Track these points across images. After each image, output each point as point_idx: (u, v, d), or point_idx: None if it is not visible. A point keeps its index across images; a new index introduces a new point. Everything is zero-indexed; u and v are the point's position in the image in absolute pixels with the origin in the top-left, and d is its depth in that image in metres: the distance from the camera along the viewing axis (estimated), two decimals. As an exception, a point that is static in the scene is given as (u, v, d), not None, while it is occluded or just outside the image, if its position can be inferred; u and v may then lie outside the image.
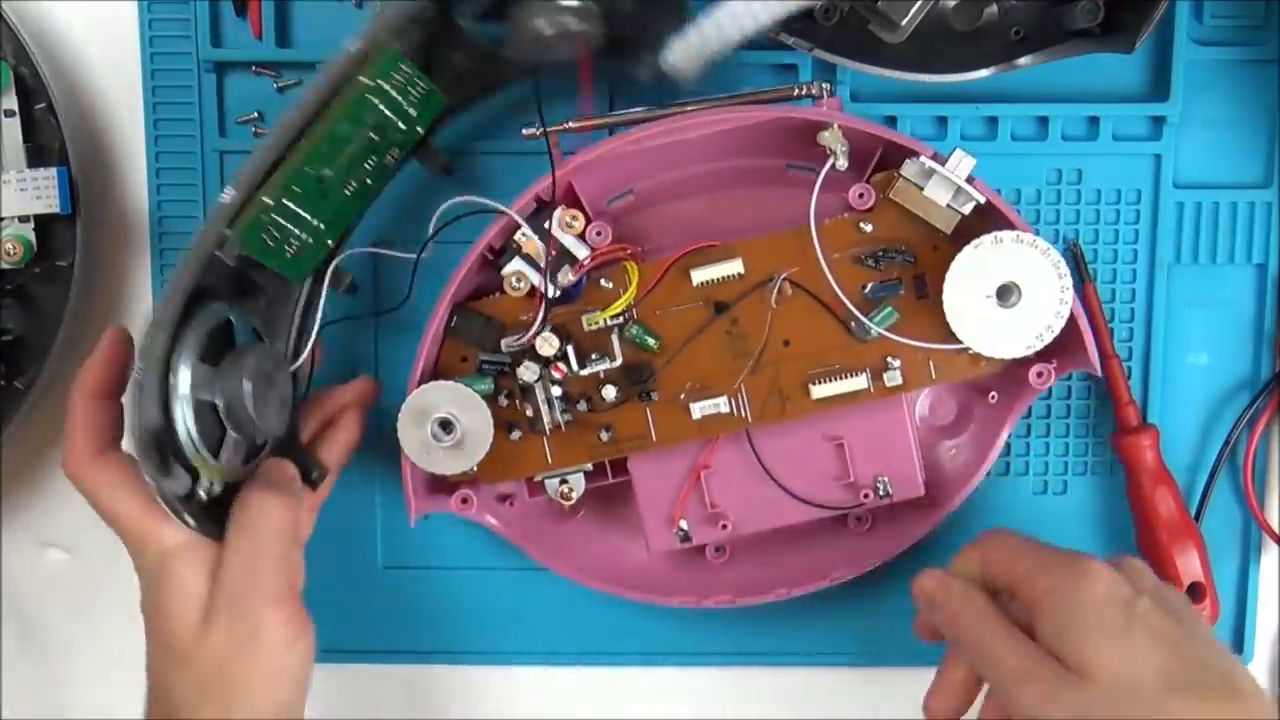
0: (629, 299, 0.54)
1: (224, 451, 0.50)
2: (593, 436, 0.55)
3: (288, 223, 0.50)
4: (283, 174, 0.49)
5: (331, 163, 0.50)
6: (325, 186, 0.50)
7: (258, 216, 0.49)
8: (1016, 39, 0.55)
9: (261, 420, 0.49)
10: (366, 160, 0.51)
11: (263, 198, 0.49)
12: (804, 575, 0.57)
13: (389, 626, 0.62)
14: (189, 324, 0.48)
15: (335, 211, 0.51)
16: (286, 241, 0.50)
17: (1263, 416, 0.60)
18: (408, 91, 0.51)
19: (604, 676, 0.63)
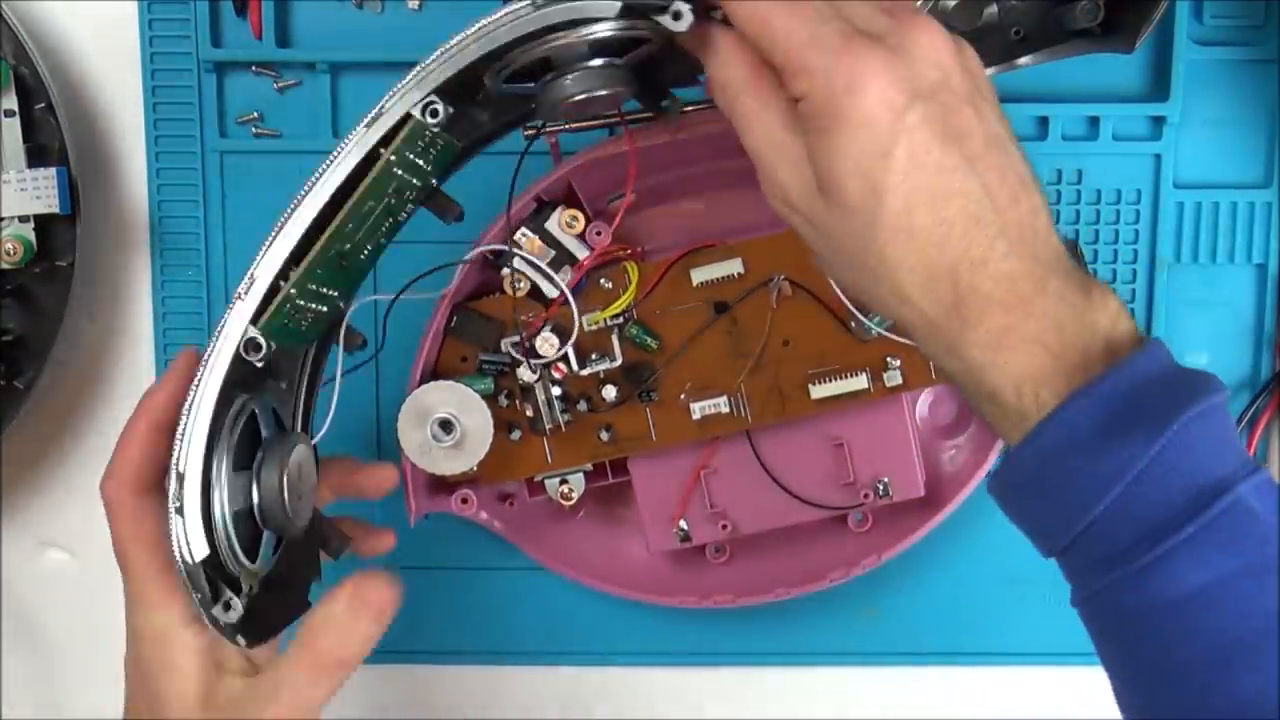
0: (629, 299, 0.54)
1: (261, 551, 0.46)
2: (593, 437, 0.55)
3: (309, 302, 0.47)
4: (309, 262, 0.45)
5: (353, 238, 0.46)
6: (346, 260, 0.47)
7: (283, 308, 0.45)
8: (1016, 39, 0.55)
9: (297, 516, 0.46)
10: (384, 223, 0.47)
11: (290, 289, 0.45)
12: (804, 575, 0.57)
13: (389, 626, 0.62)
14: (219, 435, 0.45)
15: (352, 277, 0.48)
16: (304, 318, 0.47)
17: (1263, 416, 0.60)
18: (429, 153, 0.47)
19: (604, 676, 0.63)
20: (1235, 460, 0.36)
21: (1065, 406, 0.37)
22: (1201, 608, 0.36)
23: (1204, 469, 0.36)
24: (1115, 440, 0.36)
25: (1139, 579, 0.36)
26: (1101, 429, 0.36)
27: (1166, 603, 0.36)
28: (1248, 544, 0.36)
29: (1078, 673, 0.62)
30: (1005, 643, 0.62)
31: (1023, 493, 0.39)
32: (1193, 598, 0.36)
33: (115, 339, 0.61)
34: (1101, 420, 0.37)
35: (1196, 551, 0.36)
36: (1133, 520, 0.36)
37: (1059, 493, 0.38)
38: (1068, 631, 0.62)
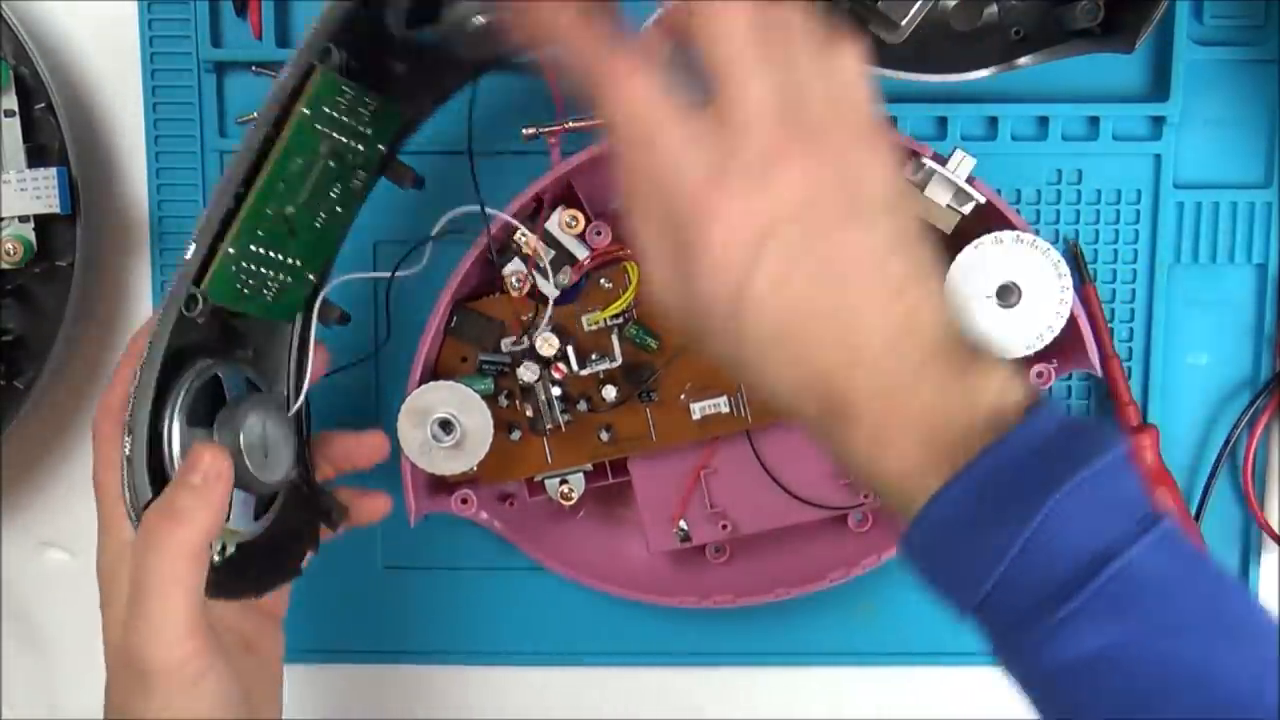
0: (629, 299, 0.54)
1: (234, 511, 0.48)
2: (593, 437, 0.55)
3: (261, 267, 0.48)
4: (241, 221, 0.47)
5: (292, 200, 0.48)
6: (292, 224, 0.48)
7: (224, 268, 0.47)
8: (1016, 39, 0.55)
9: (264, 474, 0.48)
10: (331, 189, 0.49)
11: (227, 249, 0.47)
12: (804, 575, 0.57)
13: (389, 626, 0.62)
14: (173, 388, 0.47)
15: (310, 245, 0.49)
16: (264, 286, 0.48)
17: (1263, 416, 0.60)
18: (358, 112, 0.48)
19: (604, 676, 0.63)
20: (1127, 520, 0.36)
21: (944, 491, 0.37)
22: (1103, 670, 0.36)
23: (1090, 536, 0.36)
24: (992, 520, 0.36)
25: (1039, 645, 0.37)
26: (978, 510, 0.37)
27: (1068, 666, 0.36)
28: (1145, 604, 0.36)
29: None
30: (1005, 643, 0.61)
31: (919, 567, 0.39)
32: (1093, 661, 0.36)
33: (115, 339, 0.61)
34: (977, 502, 0.37)
35: (1089, 618, 0.36)
36: (1024, 592, 0.37)
37: (950, 569, 0.38)
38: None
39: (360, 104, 0.48)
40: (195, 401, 0.47)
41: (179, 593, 0.45)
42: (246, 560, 0.49)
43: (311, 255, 0.50)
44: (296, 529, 0.52)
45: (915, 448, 0.38)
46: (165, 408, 0.47)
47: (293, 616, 0.62)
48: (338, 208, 0.50)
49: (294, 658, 0.62)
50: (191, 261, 0.47)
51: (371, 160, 0.50)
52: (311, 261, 0.50)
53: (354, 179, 0.49)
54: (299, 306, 0.51)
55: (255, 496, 0.49)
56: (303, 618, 0.62)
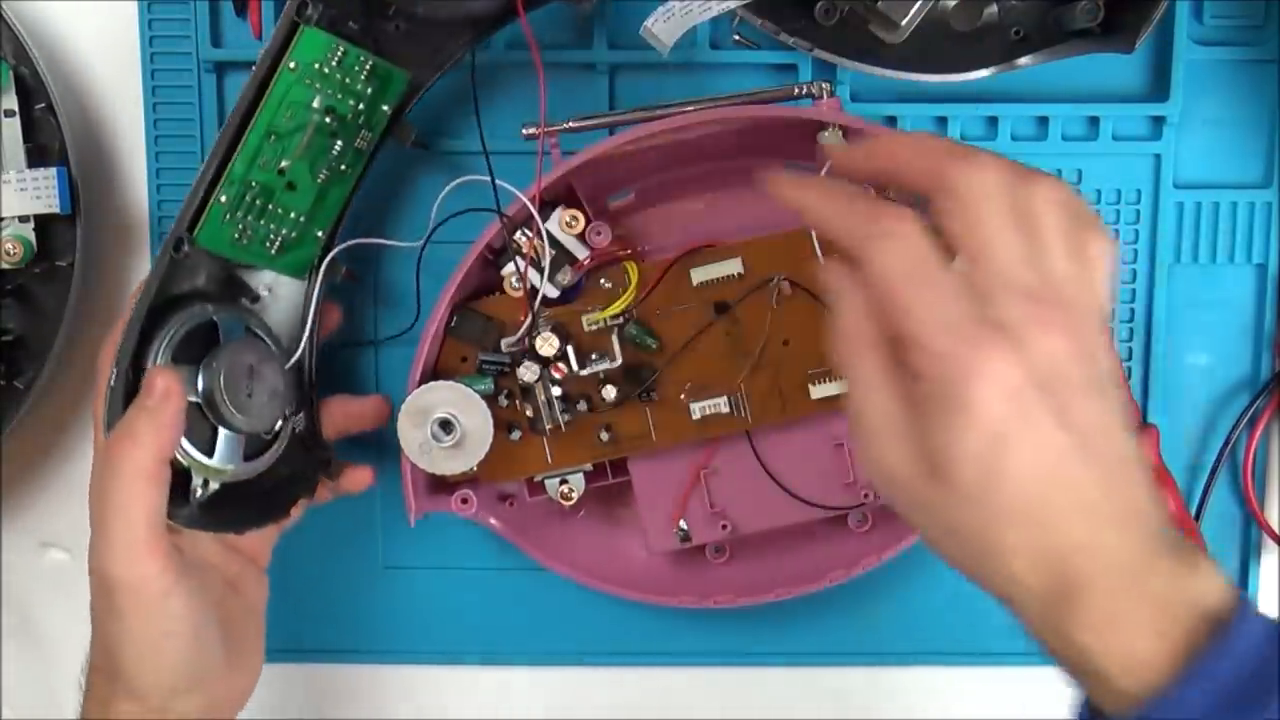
0: (629, 299, 0.54)
1: (219, 450, 0.50)
2: (593, 437, 0.55)
3: (258, 218, 0.51)
4: (231, 171, 0.50)
5: (286, 153, 0.51)
6: (289, 178, 0.51)
7: (215, 215, 0.50)
8: (1016, 39, 0.55)
9: (242, 412, 0.50)
10: (331, 146, 0.51)
11: (219, 197, 0.50)
12: (804, 575, 0.57)
13: (389, 626, 0.62)
14: (165, 327, 0.50)
15: (314, 202, 0.52)
16: (264, 238, 0.51)
17: (1263, 416, 0.60)
18: (352, 70, 0.51)
19: (604, 676, 0.63)
20: None
21: (1180, 688, 0.37)
22: None
23: None
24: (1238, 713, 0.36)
25: None
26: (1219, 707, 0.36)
27: None
28: None
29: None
30: (1005, 643, 0.61)
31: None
32: None
33: (115, 339, 0.61)
34: (1218, 698, 0.36)
35: None
36: None
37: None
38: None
39: (355, 62, 0.50)
40: (188, 342, 0.50)
41: (137, 510, 0.47)
42: (230, 498, 0.51)
43: (317, 212, 0.52)
44: (293, 477, 0.54)
45: (1147, 636, 0.37)
46: (152, 343, 0.49)
47: (293, 616, 0.62)
48: (342, 165, 0.52)
49: (295, 657, 0.63)
50: (186, 208, 0.50)
51: (376, 121, 0.52)
52: (318, 218, 0.52)
53: (359, 139, 0.52)
54: (309, 263, 0.53)
55: (244, 439, 0.51)
56: (303, 618, 0.62)
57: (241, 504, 0.52)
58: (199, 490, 0.50)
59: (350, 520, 0.61)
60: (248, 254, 0.51)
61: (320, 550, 0.61)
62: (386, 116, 0.52)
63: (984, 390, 0.38)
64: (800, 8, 0.53)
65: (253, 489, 0.52)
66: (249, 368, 0.50)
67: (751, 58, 0.58)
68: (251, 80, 0.50)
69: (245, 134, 0.50)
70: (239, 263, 0.52)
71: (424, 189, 0.58)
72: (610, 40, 0.58)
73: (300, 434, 0.54)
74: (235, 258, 0.51)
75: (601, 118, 0.54)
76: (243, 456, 0.51)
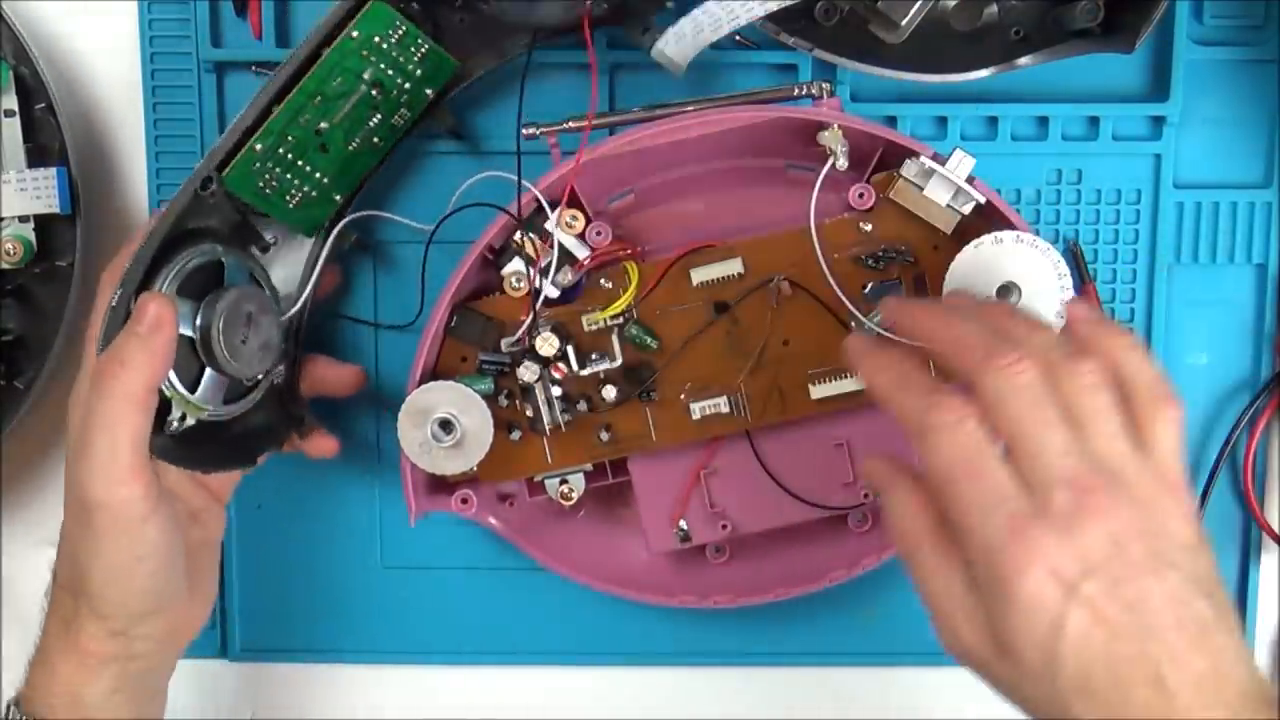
0: (629, 299, 0.54)
1: (202, 388, 0.51)
2: (593, 437, 0.55)
3: (286, 172, 0.52)
4: (273, 121, 0.51)
5: (327, 115, 0.52)
6: (324, 139, 0.52)
7: (247, 161, 0.51)
8: (1016, 39, 0.55)
9: (234, 357, 0.51)
10: (370, 118, 0.53)
11: (254, 144, 0.51)
12: (804, 575, 0.57)
13: (389, 626, 0.62)
14: (175, 258, 0.50)
15: (340, 166, 0.53)
16: (286, 191, 0.52)
17: (1263, 416, 0.60)
18: (408, 49, 0.52)
19: (604, 676, 0.63)
20: None
21: None
22: None
23: None
24: None
25: None
26: None
27: None
28: None
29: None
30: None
31: None
32: None
33: (115, 339, 0.61)
34: None
35: None
36: None
37: None
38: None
39: (412, 42, 0.52)
40: (195, 278, 0.51)
41: (123, 433, 0.47)
42: (204, 437, 0.52)
43: (341, 176, 0.54)
44: (264, 427, 0.55)
45: None
46: (159, 272, 0.50)
47: (293, 616, 0.62)
48: (375, 138, 0.54)
49: (294, 657, 0.63)
50: (220, 148, 0.51)
51: (417, 101, 0.54)
52: (339, 182, 0.54)
53: (397, 115, 0.54)
54: (321, 223, 0.54)
55: (228, 382, 0.52)
56: (303, 618, 0.62)
57: (212, 444, 0.52)
58: (175, 423, 0.51)
59: (350, 520, 0.61)
60: (267, 204, 0.53)
61: (320, 550, 0.62)
62: (428, 99, 0.54)
63: (1032, 582, 0.40)
64: (800, 8, 0.53)
65: (225, 431, 0.53)
66: (248, 315, 0.51)
67: (751, 58, 0.58)
68: (310, 38, 0.51)
69: (294, 91, 0.51)
70: (256, 210, 0.53)
71: (437, 179, 0.58)
72: (610, 40, 0.58)
73: (278, 386, 0.54)
74: (255, 205, 0.52)
75: (601, 118, 0.54)
76: (223, 399, 0.52)
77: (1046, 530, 0.40)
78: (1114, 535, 0.40)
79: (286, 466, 0.60)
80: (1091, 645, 0.40)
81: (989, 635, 0.42)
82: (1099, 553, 0.40)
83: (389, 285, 0.60)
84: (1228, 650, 0.40)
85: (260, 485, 0.61)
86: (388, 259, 0.60)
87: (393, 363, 0.60)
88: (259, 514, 0.61)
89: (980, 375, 0.42)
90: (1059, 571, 0.40)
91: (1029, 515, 0.40)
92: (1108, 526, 0.40)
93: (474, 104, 0.58)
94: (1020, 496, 0.41)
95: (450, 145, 0.58)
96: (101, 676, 0.50)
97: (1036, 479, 0.41)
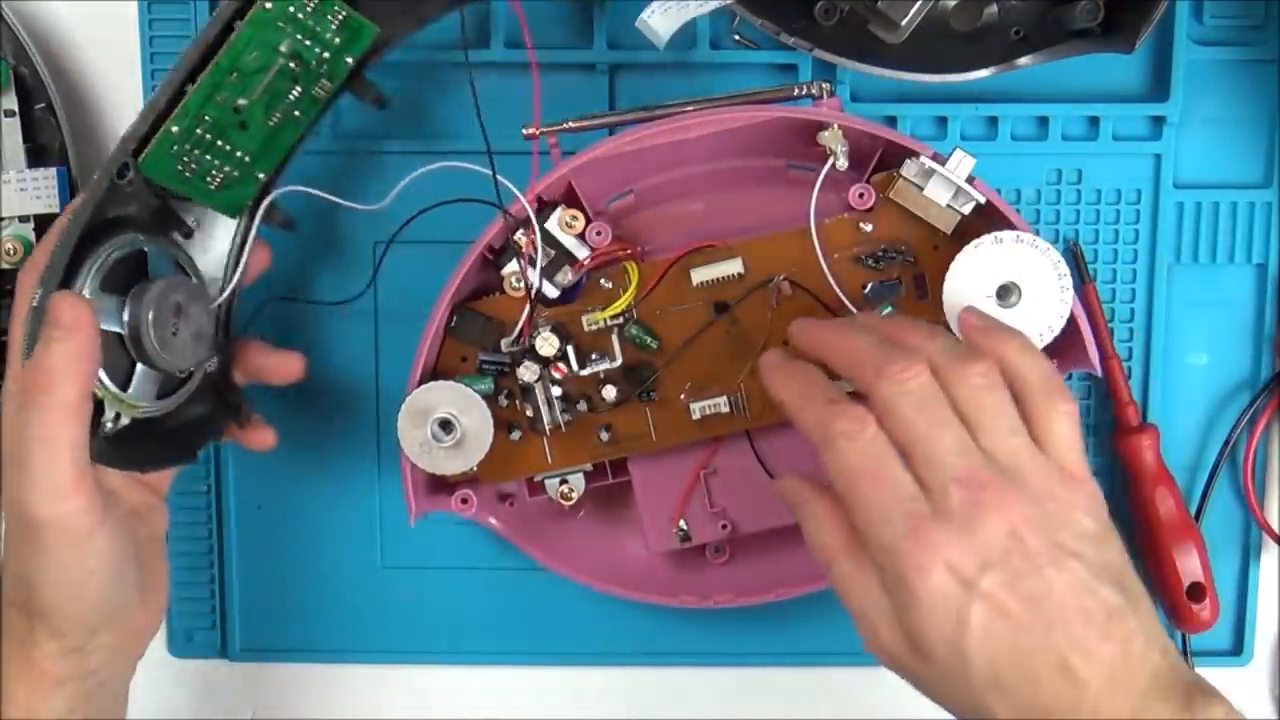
0: (629, 299, 0.54)
1: (135, 385, 0.49)
2: (593, 437, 0.55)
3: (206, 154, 0.50)
4: (189, 102, 0.49)
5: (244, 92, 0.50)
6: (243, 116, 0.50)
7: (164, 145, 0.49)
8: (1016, 39, 0.55)
9: (166, 350, 0.49)
10: (289, 91, 0.51)
11: (170, 127, 0.49)
12: (804, 575, 0.57)
13: (389, 626, 0.62)
14: (96, 252, 0.48)
15: (261, 143, 0.51)
16: (207, 173, 0.50)
17: (1263, 416, 0.60)
18: (324, 17, 0.50)
19: (604, 676, 0.63)
20: None
21: None
22: None
23: None
24: None
25: None
26: None
27: None
28: None
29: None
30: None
31: None
32: None
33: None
34: None
35: None
36: None
37: None
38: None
39: (329, 9, 0.50)
40: (118, 270, 0.48)
41: (60, 446, 0.45)
42: (140, 435, 0.50)
43: (263, 153, 0.52)
44: (203, 419, 0.53)
45: None
46: (81, 268, 0.47)
47: (293, 616, 0.62)
48: (296, 111, 0.51)
49: (294, 657, 0.63)
50: (133, 133, 0.48)
51: (338, 71, 0.51)
52: (262, 160, 0.52)
53: (317, 87, 0.51)
54: (244, 203, 0.52)
55: (161, 377, 0.50)
56: (303, 618, 0.62)
57: (149, 441, 0.51)
58: (109, 424, 0.49)
59: (350, 520, 0.61)
60: (187, 187, 0.50)
61: (320, 550, 0.62)
62: (349, 68, 0.51)
63: (933, 580, 0.41)
64: (800, 8, 0.53)
65: (160, 426, 0.51)
66: (176, 305, 0.49)
67: (751, 58, 0.58)
68: (218, 14, 0.49)
69: (208, 69, 0.49)
70: (175, 194, 0.51)
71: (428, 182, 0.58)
72: (610, 40, 0.58)
73: (212, 375, 0.53)
74: (176, 189, 0.50)
75: (601, 118, 0.54)
76: (156, 394, 0.50)
77: (943, 528, 0.41)
78: (1011, 529, 0.41)
79: (286, 466, 0.61)
80: (997, 639, 0.40)
81: (903, 635, 0.42)
82: (997, 547, 0.41)
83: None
84: (1137, 636, 0.40)
85: (260, 485, 0.61)
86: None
87: (392, 363, 0.60)
88: (259, 514, 0.61)
89: (874, 385, 0.43)
90: (957, 568, 0.41)
91: (927, 515, 0.41)
92: (1005, 521, 0.41)
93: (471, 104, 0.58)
94: (918, 498, 0.42)
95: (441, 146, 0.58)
96: (57, 697, 0.48)
97: (933, 480, 0.42)
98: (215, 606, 0.62)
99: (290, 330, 0.59)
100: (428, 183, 0.54)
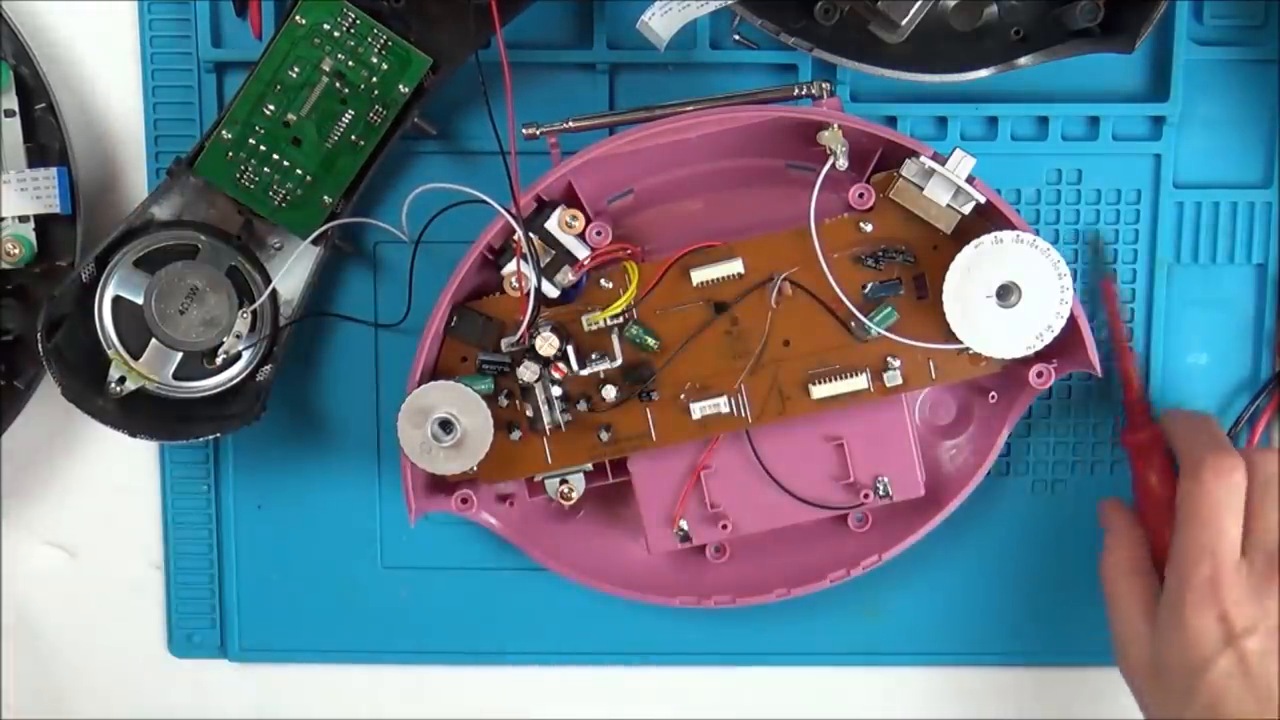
0: (629, 299, 0.54)
1: (147, 355, 0.54)
2: (593, 436, 0.55)
3: (262, 165, 0.54)
4: (234, 109, 0.54)
5: (292, 107, 0.54)
6: (295, 132, 0.54)
7: (217, 149, 0.54)
8: (1016, 39, 0.55)
9: (166, 325, 0.53)
10: (341, 114, 0.54)
11: (222, 133, 0.54)
12: (804, 575, 0.57)
13: (389, 626, 0.62)
14: (145, 238, 0.54)
15: (320, 164, 0.54)
16: (268, 186, 0.54)
17: (1263, 416, 0.60)
18: (365, 39, 0.53)
19: (604, 676, 0.63)
20: None
21: None
22: None
23: None
24: None
25: None
26: None
27: None
28: None
29: (1078, 673, 0.62)
30: (1005, 643, 0.62)
31: None
32: None
33: (115, 339, 0.61)
34: None
35: None
36: None
37: None
38: (1068, 632, 0.62)
39: (368, 32, 0.53)
40: (159, 257, 0.54)
41: None
42: (146, 406, 0.55)
43: (325, 177, 0.55)
44: (215, 417, 0.56)
45: None
46: (124, 247, 0.54)
47: (293, 616, 0.62)
48: (353, 136, 0.54)
49: (295, 657, 0.63)
50: (199, 142, 0.54)
51: (392, 99, 0.54)
52: (326, 184, 0.55)
53: (372, 113, 0.54)
54: (312, 226, 0.55)
55: (182, 356, 0.55)
56: (302, 618, 0.62)
57: (154, 415, 0.55)
58: (114, 384, 0.54)
59: (350, 520, 0.61)
60: (250, 198, 0.55)
61: (320, 550, 0.62)
62: (404, 97, 0.54)
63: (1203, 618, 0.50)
64: (800, 8, 0.53)
65: (172, 407, 0.55)
66: (193, 288, 0.54)
67: (751, 58, 0.58)
68: (271, 40, 0.53)
69: (250, 77, 0.53)
70: (249, 210, 0.55)
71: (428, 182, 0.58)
72: (610, 40, 0.58)
73: (261, 384, 0.56)
74: (240, 199, 0.54)
75: (601, 118, 0.54)
76: (173, 373, 0.55)
77: (1237, 583, 0.49)
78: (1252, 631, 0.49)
79: (286, 466, 0.61)
80: (1227, 691, 0.48)
81: (1150, 658, 0.51)
82: (1267, 624, 0.49)
83: (390, 284, 0.60)
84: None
85: (260, 485, 0.61)
86: (381, 261, 0.60)
87: (393, 363, 0.60)
88: (259, 514, 0.61)
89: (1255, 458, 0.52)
90: (1230, 619, 0.49)
91: (1232, 568, 0.50)
92: None
93: (468, 104, 0.58)
94: (1235, 551, 0.50)
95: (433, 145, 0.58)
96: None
97: (1254, 544, 0.50)
98: (215, 606, 0.62)
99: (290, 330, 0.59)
100: (427, 182, 0.54)
